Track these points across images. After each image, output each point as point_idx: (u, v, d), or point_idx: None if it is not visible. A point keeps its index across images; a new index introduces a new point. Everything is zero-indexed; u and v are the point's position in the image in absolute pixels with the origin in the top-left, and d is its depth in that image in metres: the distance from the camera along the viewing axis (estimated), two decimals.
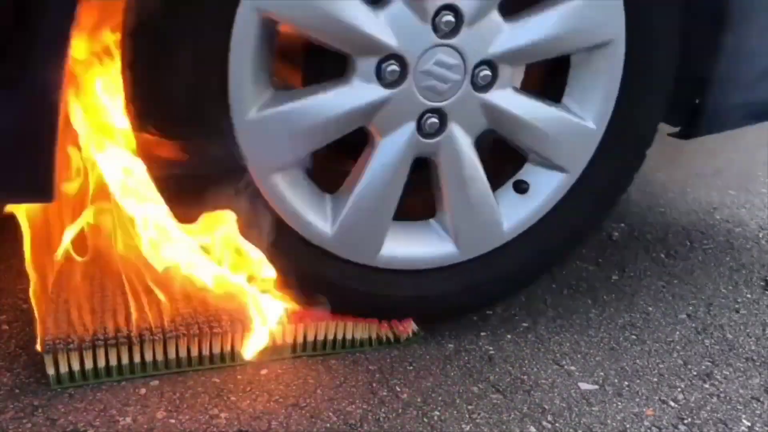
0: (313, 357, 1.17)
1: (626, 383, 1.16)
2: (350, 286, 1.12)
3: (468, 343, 1.24)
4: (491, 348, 1.23)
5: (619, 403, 1.11)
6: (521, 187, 1.18)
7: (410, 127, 1.05)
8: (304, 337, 1.15)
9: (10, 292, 1.29)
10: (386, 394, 1.10)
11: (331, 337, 1.16)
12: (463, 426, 1.04)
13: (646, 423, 1.07)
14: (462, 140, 1.09)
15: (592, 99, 1.15)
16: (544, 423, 1.06)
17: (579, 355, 1.23)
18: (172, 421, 1.01)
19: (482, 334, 1.27)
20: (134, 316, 1.09)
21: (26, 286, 1.29)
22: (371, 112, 1.03)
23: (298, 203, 1.05)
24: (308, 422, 1.02)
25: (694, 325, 1.34)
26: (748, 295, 1.45)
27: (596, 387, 1.15)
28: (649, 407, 1.11)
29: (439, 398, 1.10)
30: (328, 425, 1.02)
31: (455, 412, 1.07)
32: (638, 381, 1.17)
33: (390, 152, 1.06)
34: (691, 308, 1.40)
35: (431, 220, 1.16)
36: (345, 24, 0.96)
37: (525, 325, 1.31)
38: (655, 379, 1.18)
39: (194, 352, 1.10)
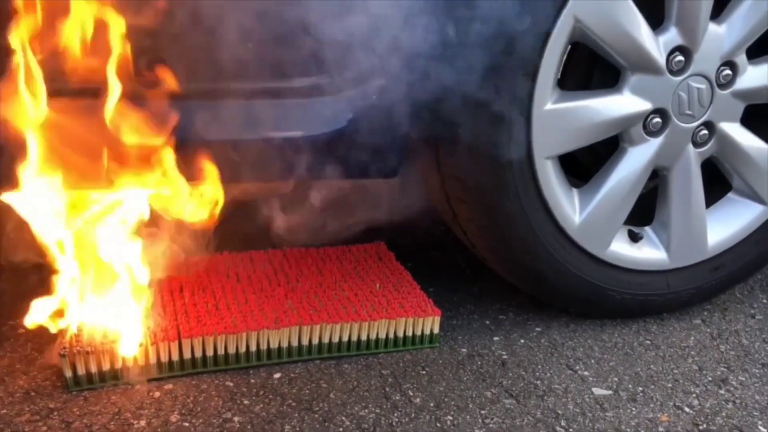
0: (325, 361, 1.17)
1: (640, 388, 1.16)
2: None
3: (481, 347, 1.24)
4: (504, 353, 1.23)
5: (634, 409, 1.11)
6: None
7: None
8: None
9: (27, 297, 1.30)
10: (399, 398, 1.10)
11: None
12: (477, 431, 1.04)
13: (660, 429, 1.07)
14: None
15: None
16: (558, 428, 1.05)
17: (593, 360, 1.22)
18: (186, 424, 1.01)
19: (495, 338, 1.27)
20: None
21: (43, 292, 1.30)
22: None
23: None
24: (321, 426, 1.03)
25: (709, 330, 1.33)
26: (764, 300, 1.43)
27: (610, 392, 1.14)
28: (664, 413, 1.10)
29: (452, 403, 1.09)
30: (341, 429, 1.02)
31: (468, 416, 1.07)
32: (653, 386, 1.16)
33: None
34: (705, 313, 1.39)
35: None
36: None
37: (538, 329, 1.30)
38: (670, 385, 1.17)
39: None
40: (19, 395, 1.05)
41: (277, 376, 1.13)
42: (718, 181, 1.34)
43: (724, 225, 1.33)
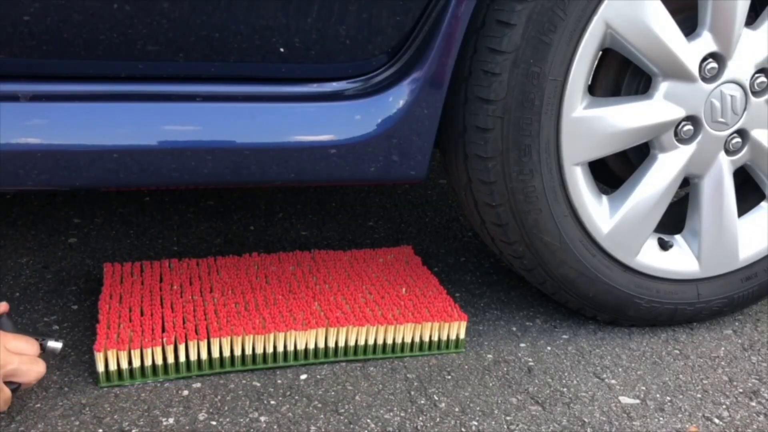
0: (351, 363, 1.18)
1: (668, 398, 1.14)
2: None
3: (507, 353, 1.24)
4: (531, 359, 1.22)
5: (661, 419, 1.10)
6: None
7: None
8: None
9: (60, 293, 1.33)
10: (424, 402, 1.10)
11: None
12: None
13: None
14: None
15: None
16: None
17: (620, 369, 1.21)
18: (213, 423, 1.03)
19: (522, 345, 1.26)
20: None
21: (76, 288, 1.33)
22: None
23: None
24: (346, 428, 1.03)
25: (740, 341, 1.31)
26: None
27: (637, 401, 1.13)
28: (693, 423, 1.09)
29: (478, 408, 1.09)
30: None
31: (493, 422, 1.06)
32: (681, 396, 1.15)
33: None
34: (737, 323, 1.37)
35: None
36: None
37: (565, 337, 1.30)
38: (699, 395, 1.15)
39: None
40: (53, 390, 1.07)
41: (303, 377, 1.14)
42: (751, 190, 1.32)
43: (757, 234, 1.31)
